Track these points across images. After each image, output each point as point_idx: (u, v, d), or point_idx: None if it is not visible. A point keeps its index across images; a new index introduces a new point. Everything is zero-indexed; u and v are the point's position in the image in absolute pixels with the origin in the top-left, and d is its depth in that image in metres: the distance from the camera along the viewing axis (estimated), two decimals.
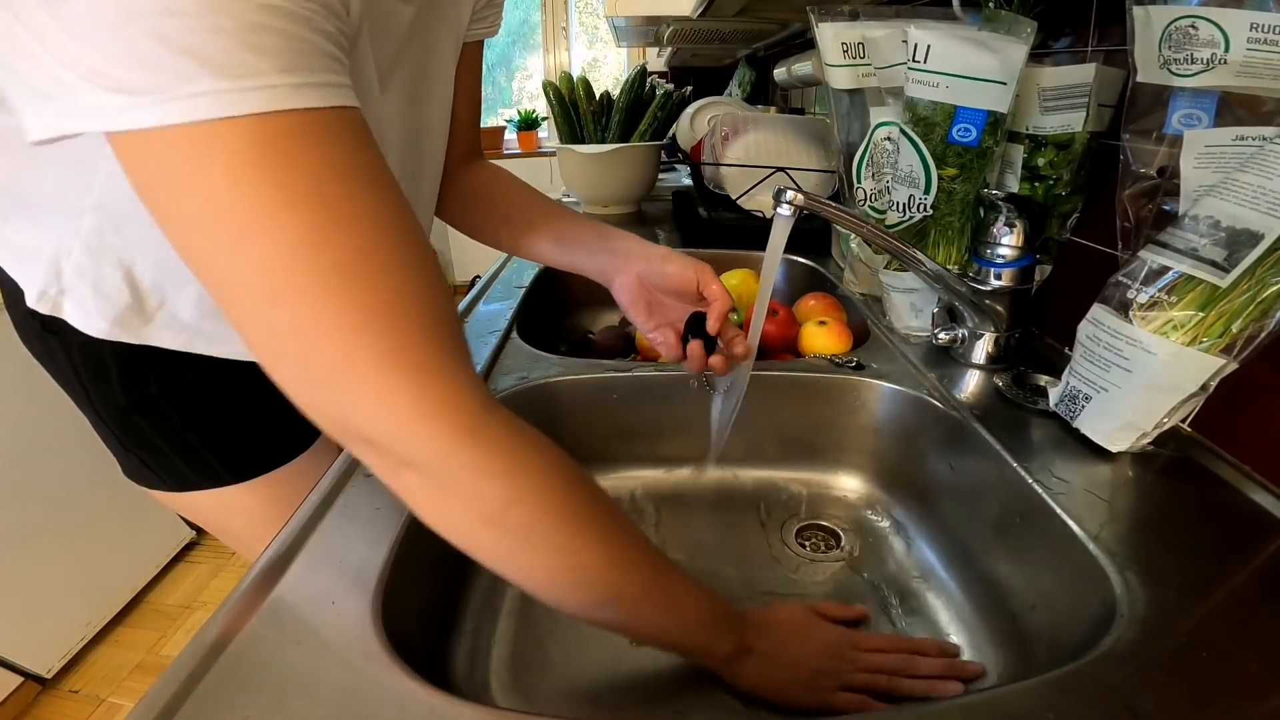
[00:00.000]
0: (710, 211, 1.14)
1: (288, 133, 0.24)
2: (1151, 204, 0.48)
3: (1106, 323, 0.46)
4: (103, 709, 1.27)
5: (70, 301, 0.44)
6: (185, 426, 0.51)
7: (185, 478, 0.53)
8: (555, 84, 1.25)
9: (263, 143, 0.23)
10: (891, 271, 0.69)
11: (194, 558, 1.64)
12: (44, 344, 0.48)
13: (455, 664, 0.44)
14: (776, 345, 0.78)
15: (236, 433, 0.54)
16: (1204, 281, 0.41)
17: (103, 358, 0.47)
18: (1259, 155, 0.40)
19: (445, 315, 0.28)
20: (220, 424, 0.53)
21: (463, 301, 0.82)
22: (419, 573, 0.42)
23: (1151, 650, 0.33)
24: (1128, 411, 0.46)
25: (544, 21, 3.28)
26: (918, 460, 0.60)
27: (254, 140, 0.23)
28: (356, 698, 0.30)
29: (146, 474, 0.54)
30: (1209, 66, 0.42)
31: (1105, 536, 0.40)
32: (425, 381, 0.27)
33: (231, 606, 0.35)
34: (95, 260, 0.43)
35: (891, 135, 0.64)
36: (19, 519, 1.24)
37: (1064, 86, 0.57)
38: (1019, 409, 0.55)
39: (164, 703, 0.30)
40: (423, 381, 0.27)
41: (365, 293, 0.25)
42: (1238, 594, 0.36)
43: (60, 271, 0.43)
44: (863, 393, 0.63)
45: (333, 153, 0.25)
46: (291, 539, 0.41)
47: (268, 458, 0.56)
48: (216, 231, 0.24)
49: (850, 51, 0.70)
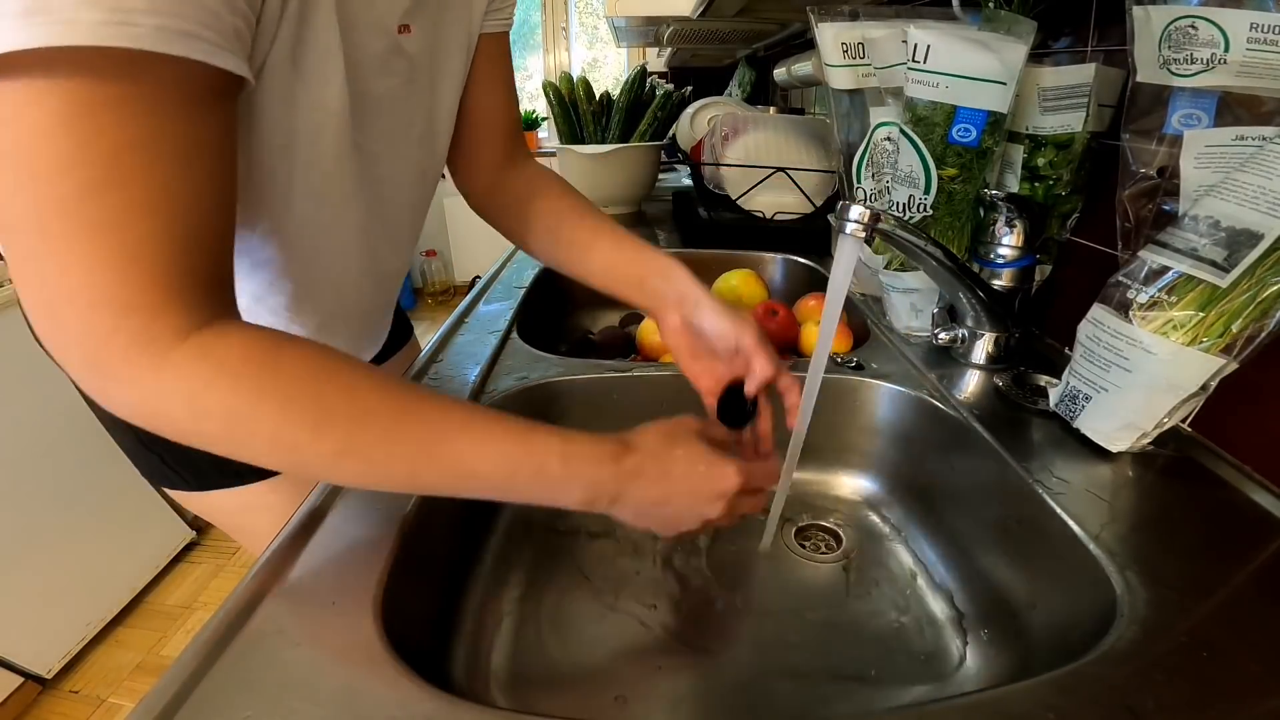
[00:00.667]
0: (710, 212, 1.14)
1: (114, 73, 0.25)
2: (1151, 204, 0.48)
3: (1106, 323, 0.46)
4: (103, 709, 1.27)
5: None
6: None
7: (205, 476, 0.53)
8: (555, 84, 1.25)
9: (90, 80, 0.25)
10: (891, 271, 0.69)
11: (194, 558, 1.64)
12: None
13: (455, 664, 0.44)
14: (776, 345, 0.78)
15: None
16: (1204, 281, 0.41)
17: None
18: (1259, 155, 0.40)
19: (181, 264, 0.30)
20: None
21: (463, 301, 0.82)
22: (419, 573, 0.42)
23: (1151, 650, 0.33)
24: (1128, 411, 0.46)
25: (544, 21, 3.28)
26: (918, 460, 0.60)
27: (78, 73, 0.25)
28: (356, 698, 0.30)
29: (166, 472, 0.53)
30: (1209, 66, 0.42)
31: (1105, 536, 0.40)
32: (125, 317, 0.29)
33: (231, 606, 0.35)
34: None
35: (891, 135, 0.64)
36: (20, 519, 1.24)
37: (1064, 86, 0.57)
38: (1019, 409, 0.55)
39: (164, 703, 0.30)
40: (122, 317, 0.29)
41: (108, 240, 0.28)
42: (1238, 594, 0.36)
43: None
44: (863, 393, 0.63)
45: (151, 107, 0.27)
46: (292, 539, 0.41)
47: None
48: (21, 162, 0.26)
49: (850, 51, 0.70)
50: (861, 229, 0.42)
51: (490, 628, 0.48)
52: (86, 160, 0.26)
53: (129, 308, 0.29)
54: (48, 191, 0.26)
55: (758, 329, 0.49)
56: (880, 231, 0.44)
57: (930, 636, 0.48)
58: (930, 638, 0.48)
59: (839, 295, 0.42)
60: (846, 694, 0.44)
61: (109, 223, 0.27)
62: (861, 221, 0.42)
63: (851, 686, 0.44)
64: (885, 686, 0.44)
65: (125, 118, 0.26)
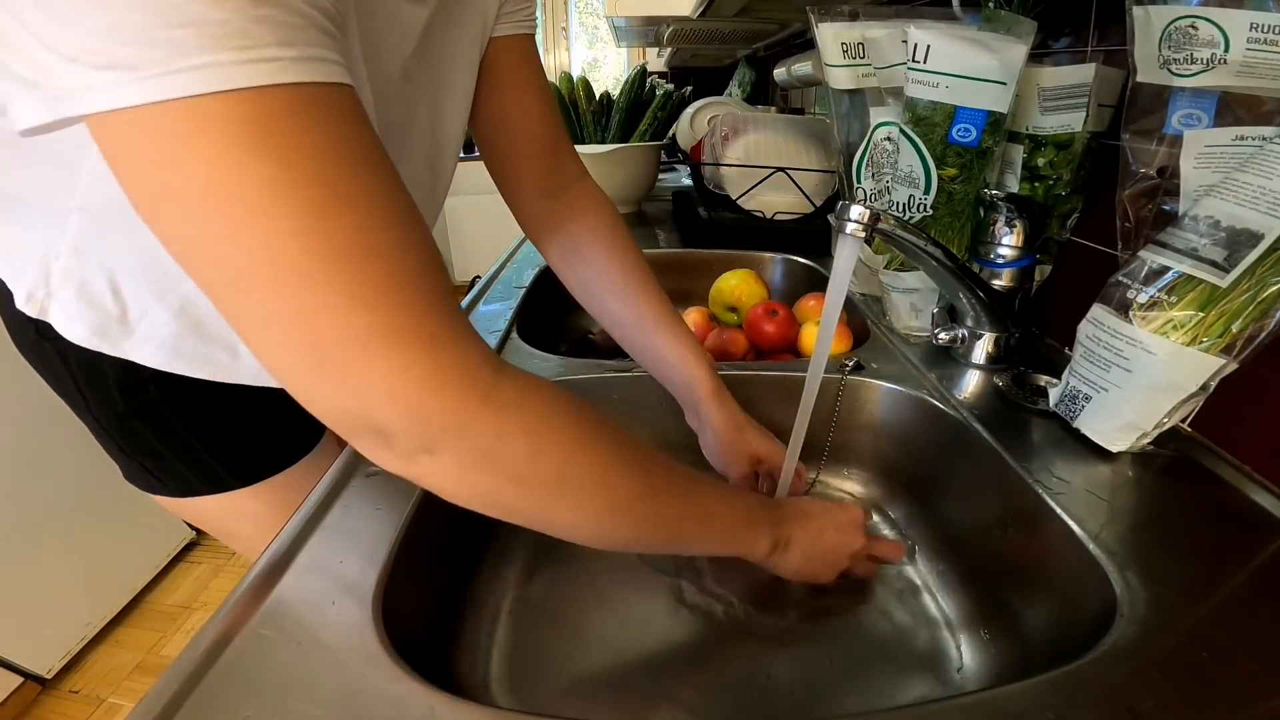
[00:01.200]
0: (710, 212, 1.14)
1: (289, 108, 0.23)
2: (1151, 204, 0.48)
3: (1106, 323, 0.46)
4: (103, 709, 1.27)
5: (56, 305, 0.44)
6: (187, 431, 0.51)
7: (188, 483, 0.53)
8: (555, 84, 1.25)
9: (264, 118, 0.22)
10: (891, 271, 0.69)
11: (194, 558, 1.64)
12: (39, 350, 0.48)
13: (455, 664, 0.44)
14: (776, 345, 0.78)
15: (240, 436, 0.54)
16: (1204, 281, 0.41)
17: (100, 363, 0.47)
18: (1259, 155, 0.40)
19: (446, 289, 0.28)
20: (223, 428, 0.52)
21: (463, 301, 0.82)
22: (419, 573, 0.42)
23: (1151, 650, 0.33)
24: (1128, 411, 0.46)
25: (544, 21, 3.28)
26: (918, 460, 0.60)
27: (255, 115, 0.22)
28: (356, 698, 0.30)
29: (149, 479, 0.53)
30: (1209, 66, 0.42)
31: (1105, 536, 0.40)
32: (437, 353, 0.27)
33: (231, 606, 0.35)
34: (80, 264, 0.42)
35: (891, 135, 0.64)
36: (20, 519, 1.24)
37: (1064, 86, 0.57)
38: (1019, 409, 0.55)
39: (164, 703, 0.30)
40: (435, 354, 0.27)
41: (371, 271, 0.25)
42: (1238, 594, 0.36)
43: (49, 274, 0.43)
44: (863, 393, 0.63)
45: (333, 130, 0.24)
46: (292, 539, 0.41)
47: (272, 461, 0.55)
48: (215, 214, 0.23)
49: (850, 51, 0.70)
50: (861, 229, 0.42)
51: (490, 627, 0.48)
52: (296, 180, 0.23)
53: (435, 341, 0.26)
54: (272, 226, 0.23)
55: (759, 436, 0.54)
56: (880, 231, 0.44)
57: (930, 636, 0.48)
58: (930, 637, 0.48)
59: (839, 295, 0.43)
60: (846, 693, 0.44)
61: (359, 246, 0.24)
62: (861, 221, 0.42)
63: (851, 686, 0.44)
64: (885, 686, 0.44)
65: (311, 129, 0.24)
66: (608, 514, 0.34)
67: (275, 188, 0.23)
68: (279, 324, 0.25)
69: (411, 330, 0.26)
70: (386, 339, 0.25)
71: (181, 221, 0.24)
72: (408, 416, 0.27)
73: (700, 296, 0.92)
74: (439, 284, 0.28)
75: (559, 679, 0.45)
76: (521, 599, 0.50)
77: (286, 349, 0.25)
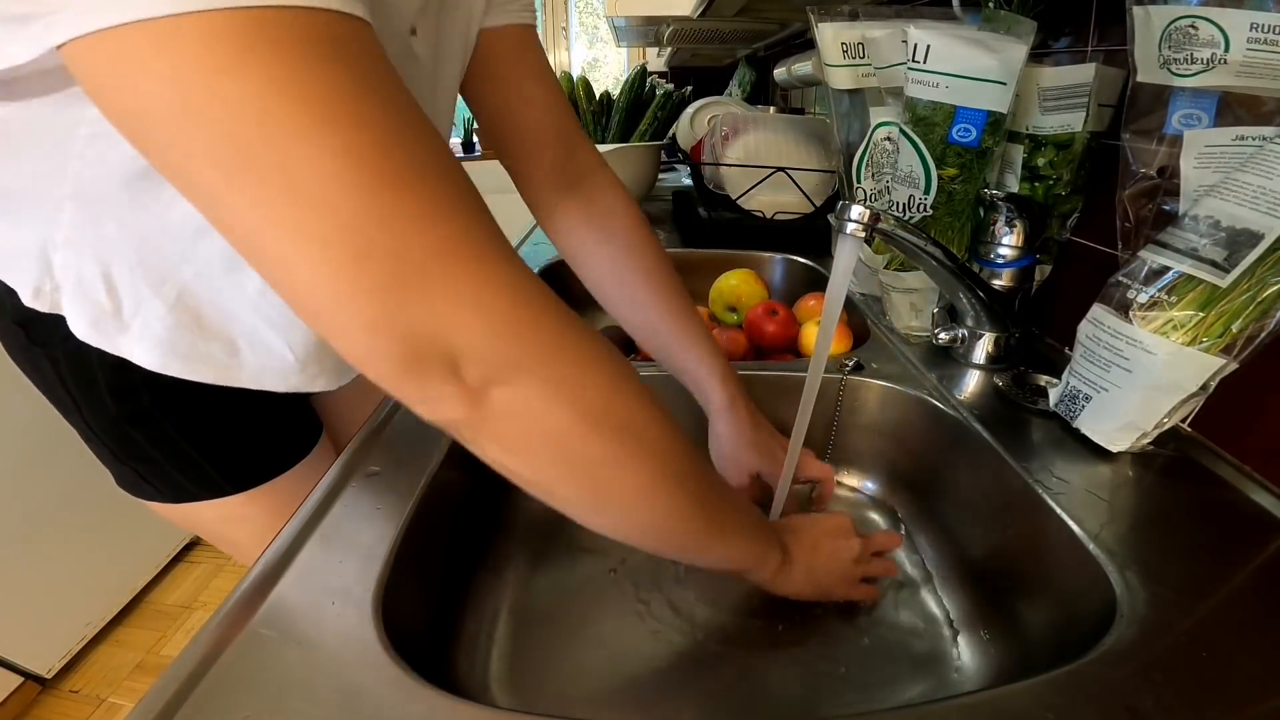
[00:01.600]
0: (710, 211, 1.14)
1: (340, 33, 0.23)
2: (1151, 204, 0.48)
3: (1106, 323, 0.46)
4: (103, 709, 1.27)
5: (65, 297, 0.43)
6: (181, 437, 0.50)
7: (183, 489, 0.52)
8: None
9: (327, 35, 0.22)
10: (891, 271, 0.69)
11: (194, 558, 1.64)
12: (29, 355, 0.47)
13: (455, 664, 0.44)
14: (777, 345, 0.78)
15: (234, 442, 0.53)
16: (1204, 281, 0.41)
17: (91, 368, 0.46)
18: (1259, 155, 0.40)
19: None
20: (217, 433, 0.52)
21: None
22: (419, 573, 0.42)
23: (1151, 650, 0.33)
24: (1128, 411, 0.46)
25: (544, 21, 3.28)
26: (918, 460, 0.60)
27: (320, 33, 0.22)
28: (356, 698, 0.30)
29: (142, 486, 0.53)
30: (1209, 66, 0.42)
31: (1105, 536, 0.40)
32: (516, 270, 0.25)
33: (231, 607, 0.35)
34: (76, 255, 0.41)
35: (891, 135, 0.64)
36: (19, 519, 1.24)
37: (1064, 86, 0.57)
38: (1019, 409, 0.55)
39: (164, 703, 0.30)
40: (516, 269, 0.25)
41: (446, 187, 0.24)
42: (1238, 594, 0.36)
43: (51, 266, 0.42)
44: (863, 393, 0.63)
45: (379, 59, 0.24)
46: (291, 539, 0.41)
47: (268, 466, 0.55)
48: (287, 116, 0.21)
49: (850, 51, 0.70)
50: (861, 229, 0.42)
51: (490, 627, 0.48)
52: (367, 92, 0.23)
53: (513, 258, 0.25)
54: (353, 133, 0.22)
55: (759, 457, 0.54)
56: (880, 231, 0.44)
57: (930, 636, 0.48)
58: (930, 637, 0.48)
59: (839, 295, 0.43)
60: (846, 693, 0.44)
61: (433, 162, 0.24)
62: (861, 221, 0.42)
63: (851, 686, 0.44)
64: (885, 686, 0.44)
65: (365, 54, 0.23)
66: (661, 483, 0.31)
67: (352, 96, 0.22)
68: (356, 231, 0.22)
69: (491, 243, 0.25)
70: (473, 249, 0.24)
71: (240, 128, 0.21)
72: (494, 332, 0.25)
73: (700, 296, 0.92)
74: (478, 203, 0.27)
75: (559, 679, 0.45)
76: (521, 599, 0.50)
77: (367, 259, 0.23)
